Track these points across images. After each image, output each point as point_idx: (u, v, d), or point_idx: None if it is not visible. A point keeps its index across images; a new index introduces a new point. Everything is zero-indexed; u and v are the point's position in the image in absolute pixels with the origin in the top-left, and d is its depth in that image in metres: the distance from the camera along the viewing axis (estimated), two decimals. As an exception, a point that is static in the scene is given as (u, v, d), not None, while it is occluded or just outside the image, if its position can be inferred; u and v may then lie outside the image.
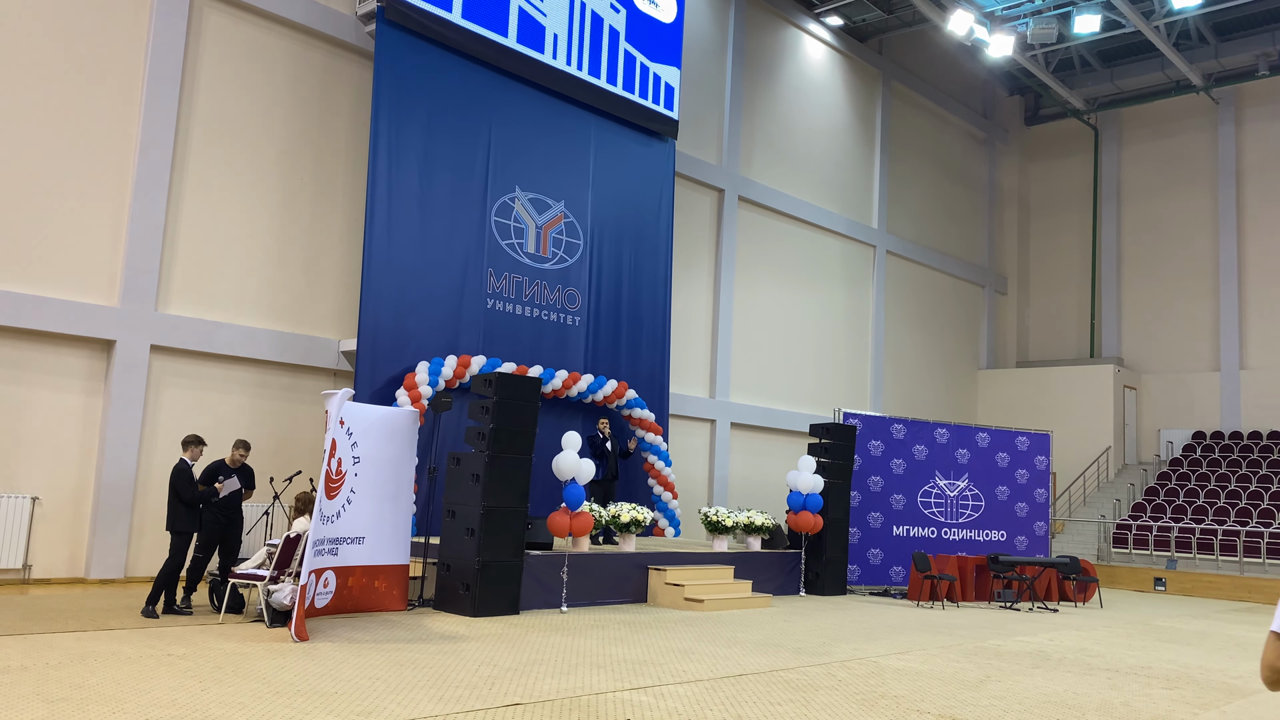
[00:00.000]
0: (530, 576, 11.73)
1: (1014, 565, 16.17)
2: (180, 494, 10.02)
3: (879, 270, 25.26)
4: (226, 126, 13.80)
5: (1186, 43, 25.70)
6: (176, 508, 10.04)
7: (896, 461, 17.40)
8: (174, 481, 10.05)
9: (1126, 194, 28.79)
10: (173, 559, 9.92)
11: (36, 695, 6.29)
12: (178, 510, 10.04)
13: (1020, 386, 28.20)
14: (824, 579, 15.59)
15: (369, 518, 10.57)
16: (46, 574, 12.04)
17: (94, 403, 12.54)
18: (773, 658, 9.30)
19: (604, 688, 7.47)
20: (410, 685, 7.16)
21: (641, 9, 18.34)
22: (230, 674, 7.21)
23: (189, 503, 10.04)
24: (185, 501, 10.03)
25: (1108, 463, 26.27)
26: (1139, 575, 21.34)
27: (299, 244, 14.47)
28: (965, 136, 29.14)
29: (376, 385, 13.96)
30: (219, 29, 13.78)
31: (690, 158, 20.24)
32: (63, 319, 12.11)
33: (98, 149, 12.63)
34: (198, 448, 10.26)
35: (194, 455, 10.22)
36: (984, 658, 10.13)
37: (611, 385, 16.69)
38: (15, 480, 11.88)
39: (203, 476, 10.38)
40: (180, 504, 10.03)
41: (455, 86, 15.45)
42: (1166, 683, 9.20)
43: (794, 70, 23.31)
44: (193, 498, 10.04)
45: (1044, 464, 18.40)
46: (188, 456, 10.19)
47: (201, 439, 10.33)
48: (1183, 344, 27.24)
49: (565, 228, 16.85)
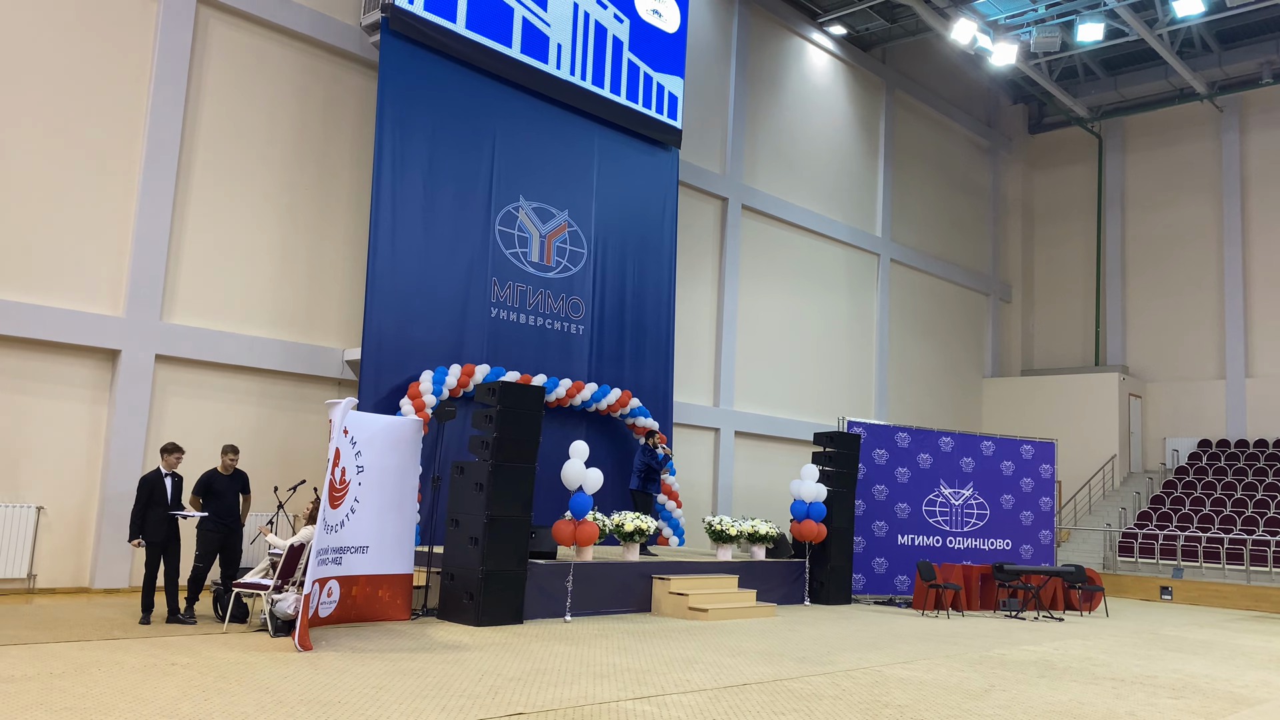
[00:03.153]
0: (534, 586, 11.73)
1: (1019, 574, 16.12)
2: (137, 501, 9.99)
3: (883, 278, 25.26)
4: (232, 137, 13.85)
5: (1190, 51, 25.72)
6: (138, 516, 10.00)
7: (901, 470, 17.38)
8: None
9: (1130, 202, 28.78)
10: (146, 566, 9.98)
11: (40, 705, 6.29)
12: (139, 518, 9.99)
13: (1025, 395, 28.16)
14: (828, 588, 15.56)
15: (373, 527, 10.57)
16: (51, 583, 12.05)
17: (99, 412, 12.57)
18: (776, 667, 9.28)
19: (607, 697, 7.46)
20: (414, 695, 7.15)
21: (645, 19, 18.39)
22: (234, 683, 7.21)
23: (139, 512, 9.99)
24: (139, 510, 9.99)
25: (1113, 471, 26.20)
26: (1145, 584, 21.26)
27: (303, 254, 14.51)
28: (969, 145, 29.16)
29: (381, 394, 13.98)
30: (224, 40, 13.85)
31: (694, 166, 20.27)
32: (68, 329, 12.15)
33: (103, 159, 12.69)
34: (174, 455, 10.16)
35: (170, 464, 10.16)
36: (989, 667, 10.10)
37: (615, 394, 16.69)
38: (20, 490, 11.91)
39: (196, 488, 10.38)
40: (139, 511, 9.99)
41: (459, 97, 15.51)
42: (1172, 692, 9.16)
43: (797, 79, 23.35)
44: (138, 510, 9.96)
45: (1049, 472, 18.36)
46: (164, 465, 10.14)
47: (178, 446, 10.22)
48: (1188, 352, 27.19)
49: (569, 237, 16.88)
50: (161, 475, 10.08)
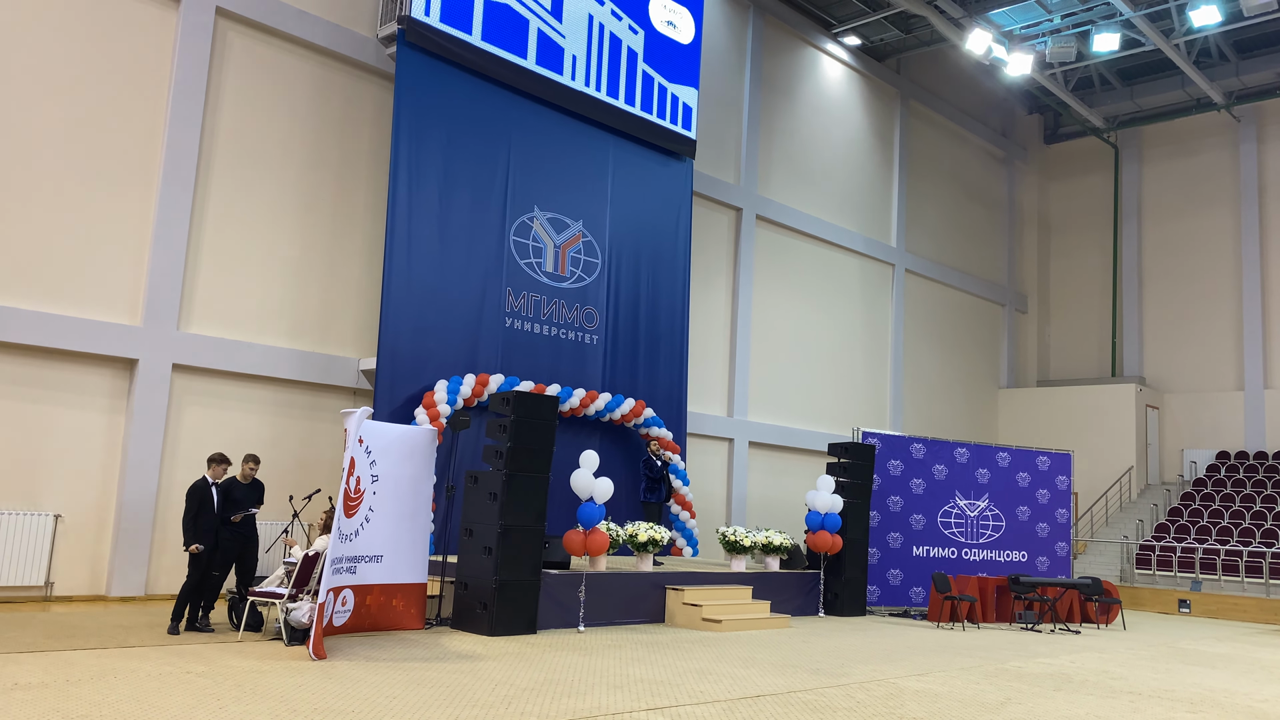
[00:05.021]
0: (548, 596, 11.72)
1: (1035, 586, 16.01)
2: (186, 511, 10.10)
3: (898, 289, 25.20)
4: (249, 147, 13.96)
5: (1207, 60, 25.60)
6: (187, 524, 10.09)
7: (916, 481, 17.31)
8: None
9: (1147, 212, 28.64)
10: (188, 575, 10.03)
11: (56, 712, 6.33)
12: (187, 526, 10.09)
13: (1041, 406, 28.01)
14: (843, 599, 15.49)
15: (387, 536, 10.60)
16: (68, 591, 12.12)
17: (116, 421, 12.65)
18: (790, 679, 9.25)
19: (621, 708, 7.44)
20: (427, 704, 7.16)
21: (660, 30, 18.45)
22: (248, 692, 7.23)
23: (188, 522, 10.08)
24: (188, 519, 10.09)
25: (1130, 483, 26.02)
26: (1163, 597, 21.09)
27: (319, 264, 14.59)
28: (984, 155, 29.09)
29: (395, 404, 14.03)
30: (242, 51, 13.96)
31: (708, 177, 20.29)
32: (86, 338, 12.25)
33: (121, 170, 12.80)
34: (220, 466, 10.32)
35: (216, 474, 10.30)
36: (1005, 679, 10.04)
37: (629, 404, 16.70)
38: (38, 498, 11.99)
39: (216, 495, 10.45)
40: (190, 520, 10.08)
41: (475, 108, 15.58)
42: (1190, 706, 9.08)
43: (812, 90, 23.37)
44: (189, 519, 10.05)
45: (1065, 484, 18.26)
46: (210, 475, 10.27)
47: (225, 457, 10.38)
48: (1206, 363, 27.01)
49: (583, 247, 16.92)
50: (209, 484, 10.20)
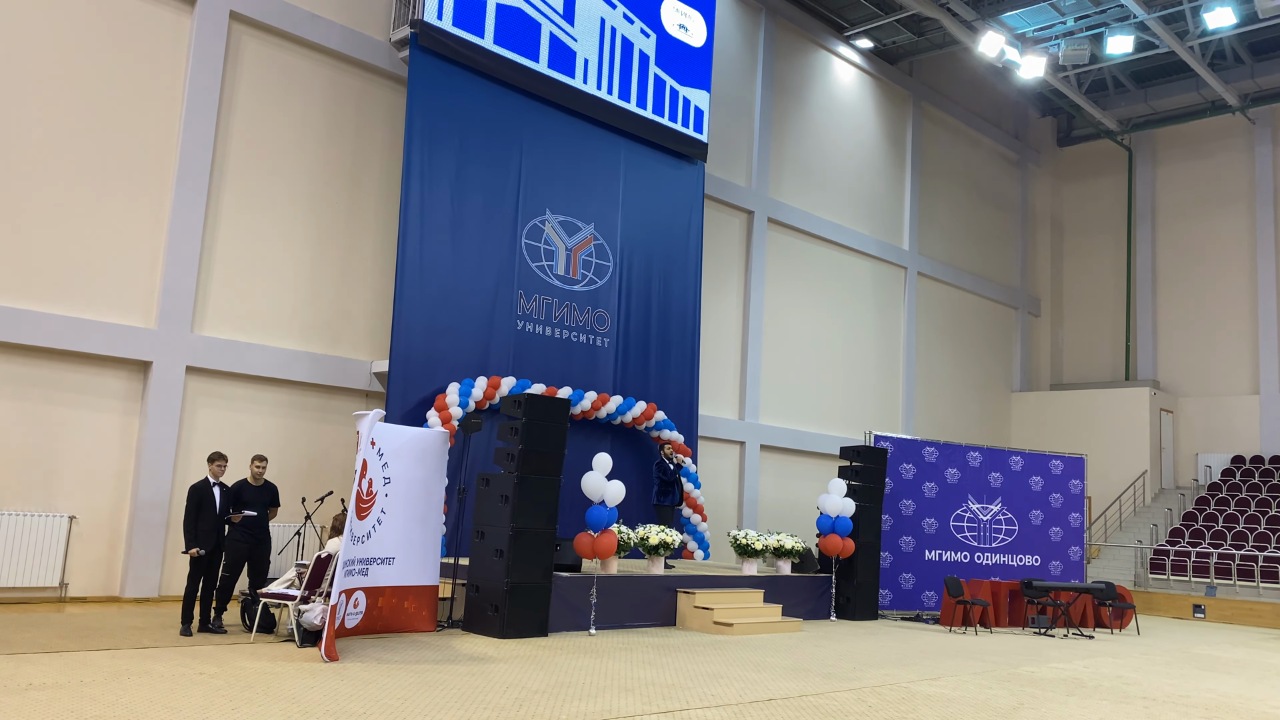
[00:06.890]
0: (559, 598, 11.73)
1: (1048, 591, 15.94)
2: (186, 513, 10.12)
3: (910, 292, 25.14)
4: (262, 151, 14.02)
5: (1221, 63, 25.47)
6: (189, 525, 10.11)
7: (928, 485, 17.25)
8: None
9: (1161, 215, 28.49)
10: (189, 577, 10.06)
11: (70, 713, 6.36)
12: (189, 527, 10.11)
13: (1054, 409, 27.88)
14: (855, 603, 15.45)
15: (399, 538, 10.62)
16: (82, 592, 12.19)
17: (130, 423, 12.72)
18: (802, 683, 9.23)
19: (632, 711, 7.44)
20: (438, 706, 7.17)
21: (671, 33, 18.46)
22: (260, 693, 7.26)
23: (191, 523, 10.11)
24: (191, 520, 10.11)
25: (1144, 487, 25.87)
26: (1177, 602, 20.96)
27: (332, 267, 14.65)
28: (997, 158, 29.01)
29: (407, 406, 14.06)
30: (256, 55, 14.03)
31: (720, 180, 20.29)
32: (100, 340, 12.32)
33: (136, 173, 12.87)
34: (219, 463, 10.32)
35: (216, 473, 10.29)
36: (1017, 684, 9.99)
37: (640, 407, 16.70)
38: (53, 499, 12.06)
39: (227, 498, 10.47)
40: (190, 521, 10.11)
41: (487, 111, 15.62)
42: (1205, 712, 9.02)
43: (824, 92, 23.34)
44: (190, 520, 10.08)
45: (1079, 488, 18.17)
46: (210, 474, 10.27)
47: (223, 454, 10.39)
48: (1220, 366, 26.84)
49: (595, 250, 16.94)
50: (210, 484, 10.23)
